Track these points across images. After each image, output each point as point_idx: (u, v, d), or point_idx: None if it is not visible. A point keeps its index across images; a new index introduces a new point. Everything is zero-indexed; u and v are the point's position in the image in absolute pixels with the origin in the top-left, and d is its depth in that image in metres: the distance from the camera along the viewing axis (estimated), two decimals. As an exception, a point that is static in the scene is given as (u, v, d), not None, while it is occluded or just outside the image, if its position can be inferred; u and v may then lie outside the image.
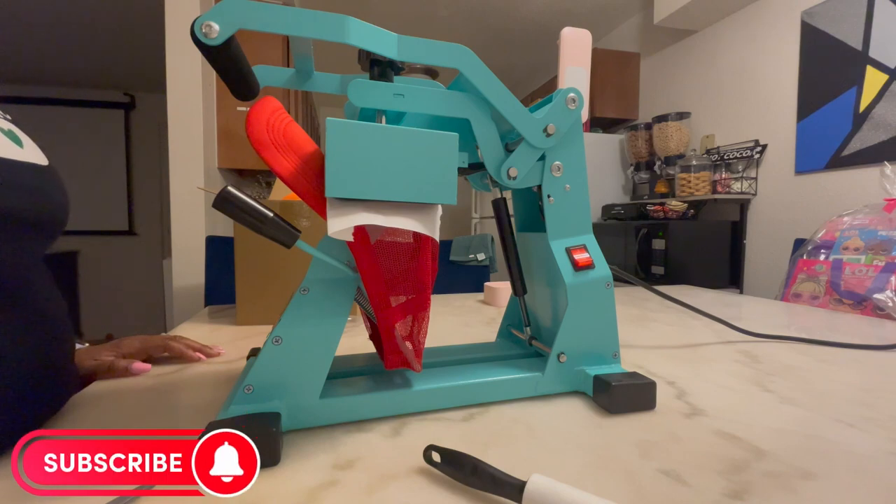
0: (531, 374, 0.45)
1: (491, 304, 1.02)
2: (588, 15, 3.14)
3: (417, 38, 0.37)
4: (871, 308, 1.20)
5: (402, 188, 0.35)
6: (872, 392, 0.48)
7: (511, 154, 0.43)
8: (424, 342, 0.42)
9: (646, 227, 2.23)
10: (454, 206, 0.36)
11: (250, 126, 0.35)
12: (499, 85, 0.40)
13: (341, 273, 0.38)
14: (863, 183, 1.83)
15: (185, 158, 1.79)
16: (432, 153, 0.36)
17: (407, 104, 0.38)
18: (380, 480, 0.31)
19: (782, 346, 0.66)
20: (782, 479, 0.31)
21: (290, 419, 0.37)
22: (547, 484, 0.27)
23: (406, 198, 0.35)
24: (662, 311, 0.92)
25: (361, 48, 0.37)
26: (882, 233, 1.29)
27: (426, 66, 0.45)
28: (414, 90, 0.38)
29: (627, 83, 3.06)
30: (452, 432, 0.38)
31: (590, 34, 0.54)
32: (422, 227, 0.36)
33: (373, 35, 0.36)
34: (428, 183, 0.36)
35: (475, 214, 4.14)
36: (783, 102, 2.13)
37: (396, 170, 0.34)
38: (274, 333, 0.37)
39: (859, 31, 1.83)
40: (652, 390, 0.43)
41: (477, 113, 0.41)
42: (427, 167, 0.35)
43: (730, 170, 2.32)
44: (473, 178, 0.52)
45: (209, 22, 0.33)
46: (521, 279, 0.50)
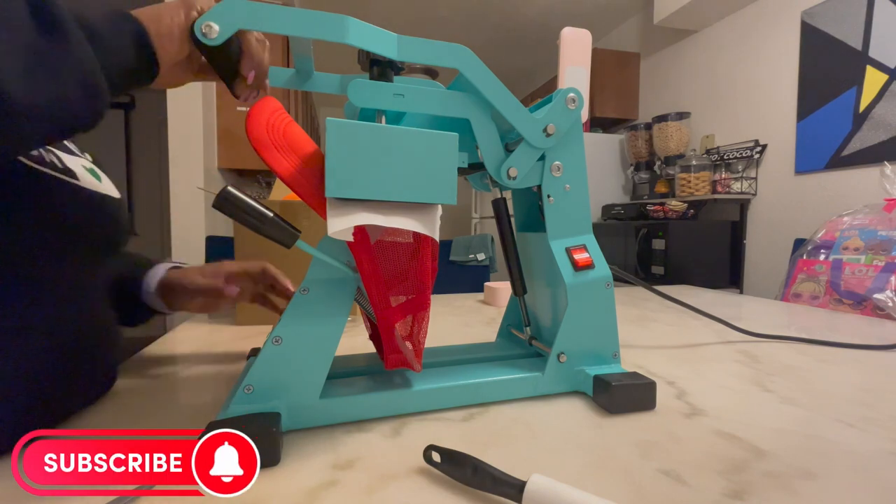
0: (531, 374, 0.45)
1: (491, 304, 1.02)
2: (588, 15, 3.14)
3: (417, 38, 0.37)
4: (871, 308, 1.21)
5: (402, 188, 0.35)
6: (872, 392, 0.48)
7: (511, 154, 0.43)
8: (424, 342, 0.42)
9: (646, 227, 2.23)
10: (454, 206, 0.36)
11: (250, 126, 0.35)
12: (498, 85, 0.40)
13: (341, 273, 0.38)
14: (863, 183, 1.83)
15: (185, 158, 1.79)
16: (432, 153, 0.36)
17: (407, 104, 0.38)
18: (380, 480, 0.31)
19: (782, 346, 0.66)
20: (782, 479, 0.31)
21: (290, 419, 0.37)
22: (547, 484, 0.27)
23: (406, 198, 0.35)
24: (662, 311, 0.92)
25: (361, 48, 0.37)
26: (882, 233, 1.29)
27: (426, 66, 0.45)
28: (414, 90, 0.38)
29: (627, 83, 3.07)
30: (452, 432, 0.38)
31: (590, 34, 0.54)
32: (422, 227, 0.36)
33: (372, 35, 0.36)
34: (428, 183, 0.36)
35: (475, 214, 4.14)
36: (783, 102, 2.14)
37: (396, 170, 0.34)
38: (274, 333, 0.37)
39: (859, 31, 1.83)
40: (652, 390, 0.43)
41: (477, 113, 0.41)
42: (427, 167, 0.35)
43: (730, 170, 2.32)
44: (473, 178, 0.52)
45: (209, 22, 0.33)
46: (521, 279, 0.50)
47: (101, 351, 0.45)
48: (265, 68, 0.40)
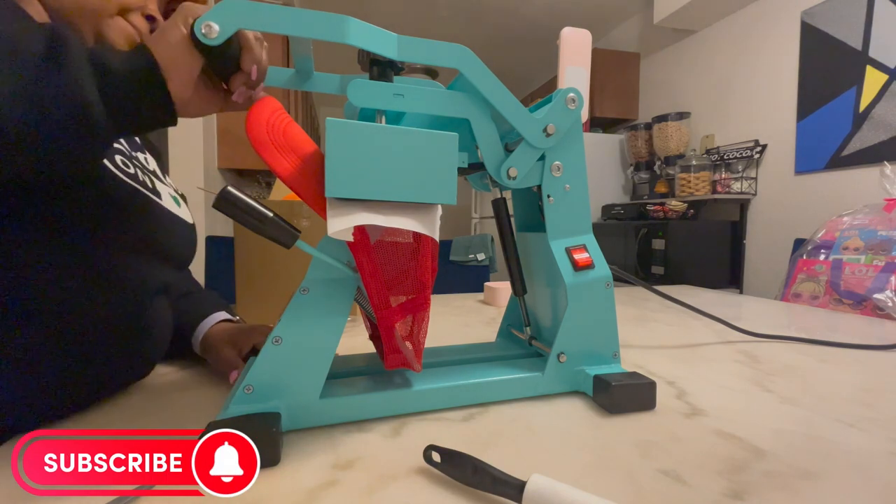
0: (531, 374, 0.45)
1: (491, 304, 1.02)
2: (588, 15, 3.14)
3: (417, 38, 0.37)
4: (870, 308, 1.21)
5: (402, 188, 0.35)
6: (872, 392, 0.48)
7: (511, 154, 0.43)
8: (424, 342, 0.42)
9: (646, 227, 2.23)
10: (454, 206, 0.36)
11: (250, 126, 0.35)
12: (498, 85, 0.40)
13: (341, 273, 0.38)
14: (863, 183, 1.83)
15: (185, 158, 1.79)
16: (432, 153, 0.36)
17: (407, 104, 0.38)
18: (380, 480, 0.31)
19: (782, 346, 0.66)
20: (782, 479, 0.31)
21: (290, 419, 0.37)
22: (547, 484, 0.27)
23: (406, 198, 0.35)
24: (662, 311, 0.92)
25: (361, 48, 0.37)
26: (882, 233, 1.29)
27: (426, 66, 0.45)
28: (413, 90, 0.38)
29: (627, 83, 3.07)
30: (452, 432, 0.38)
31: (590, 34, 0.54)
32: (422, 227, 0.36)
33: (372, 35, 0.36)
34: (428, 183, 0.36)
35: (475, 214, 4.14)
36: (783, 102, 2.14)
37: (396, 170, 0.34)
38: (274, 333, 0.37)
39: (859, 31, 1.83)
40: (652, 390, 0.43)
41: (476, 113, 0.41)
42: (427, 167, 0.35)
43: (730, 170, 2.32)
44: (473, 178, 0.52)
45: (209, 22, 0.33)
46: (521, 279, 0.50)
47: (145, 344, 0.48)
48: (265, 66, 0.40)
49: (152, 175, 0.52)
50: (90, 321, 0.41)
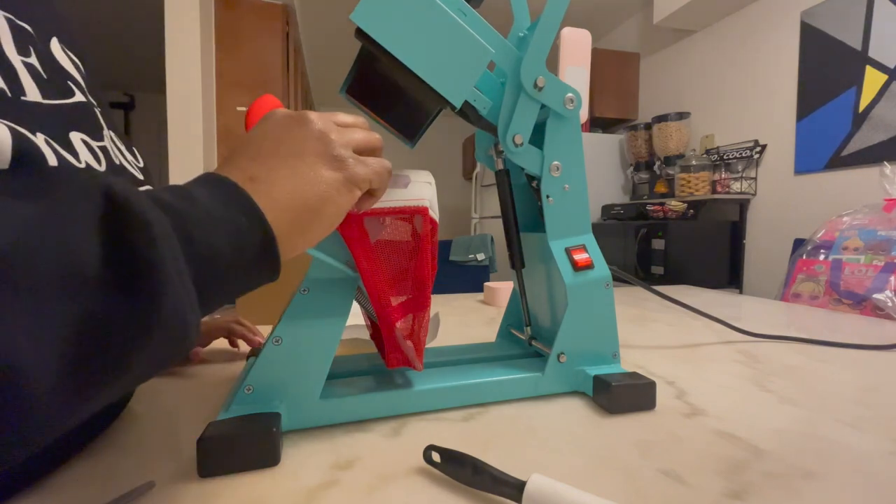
0: (531, 374, 0.45)
1: (491, 304, 1.02)
2: (588, 15, 3.14)
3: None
4: (870, 308, 1.21)
5: (423, 60, 0.35)
6: (872, 392, 0.48)
7: (513, 118, 0.43)
8: (425, 340, 0.42)
9: (645, 227, 2.23)
10: (453, 206, 0.36)
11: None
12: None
13: (341, 273, 0.38)
14: (862, 183, 1.83)
15: (185, 158, 1.79)
16: (464, 51, 0.36)
17: (466, 22, 0.39)
18: (380, 480, 0.31)
19: (782, 346, 0.66)
20: (782, 479, 0.31)
21: (290, 419, 0.37)
22: (547, 484, 0.27)
23: (420, 70, 0.35)
24: (662, 311, 0.92)
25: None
26: (881, 233, 1.29)
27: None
28: (477, 18, 0.40)
29: (627, 83, 3.07)
30: (452, 432, 0.38)
31: (590, 34, 0.54)
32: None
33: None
34: (446, 71, 0.36)
35: (475, 215, 4.14)
36: (783, 102, 2.14)
37: (425, 40, 0.35)
38: (274, 333, 0.37)
39: (859, 31, 1.84)
40: (652, 390, 0.43)
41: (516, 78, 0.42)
42: (453, 59, 0.36)
43: (729, 170, 2.32)
44: (480, 147, 0.51)
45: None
46: (521, 253, 0.50)
47: None
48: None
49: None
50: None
